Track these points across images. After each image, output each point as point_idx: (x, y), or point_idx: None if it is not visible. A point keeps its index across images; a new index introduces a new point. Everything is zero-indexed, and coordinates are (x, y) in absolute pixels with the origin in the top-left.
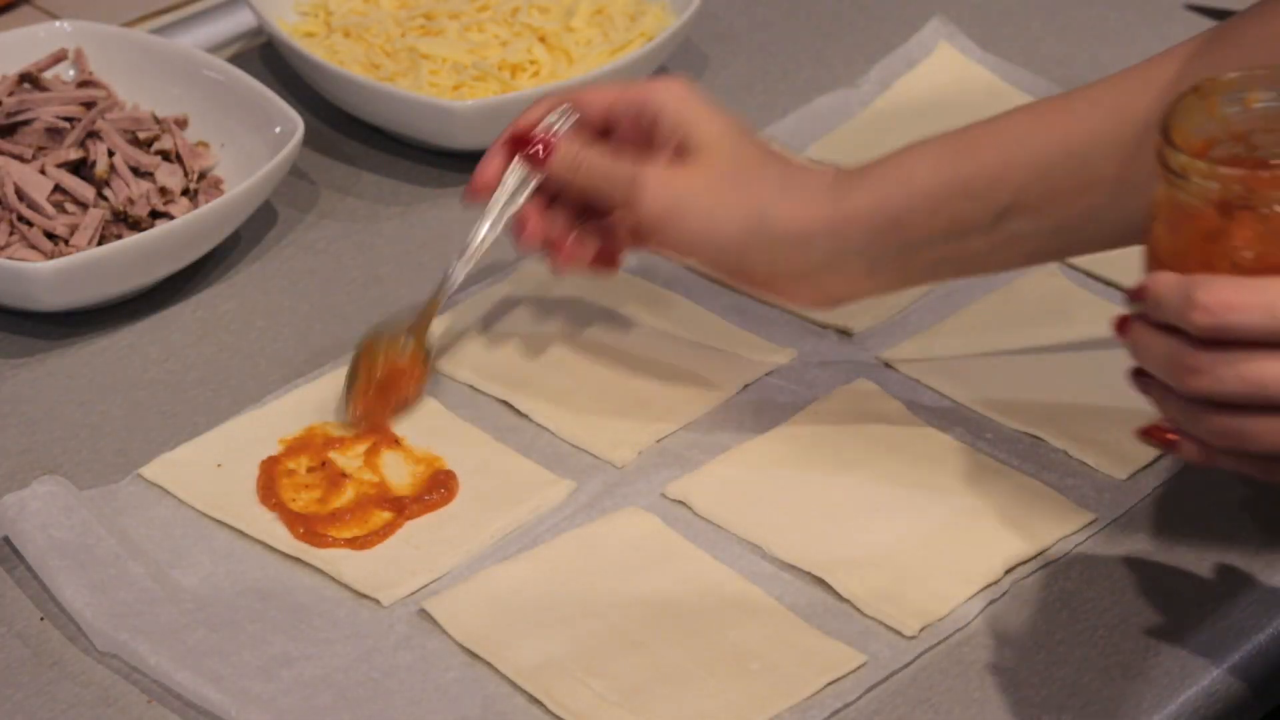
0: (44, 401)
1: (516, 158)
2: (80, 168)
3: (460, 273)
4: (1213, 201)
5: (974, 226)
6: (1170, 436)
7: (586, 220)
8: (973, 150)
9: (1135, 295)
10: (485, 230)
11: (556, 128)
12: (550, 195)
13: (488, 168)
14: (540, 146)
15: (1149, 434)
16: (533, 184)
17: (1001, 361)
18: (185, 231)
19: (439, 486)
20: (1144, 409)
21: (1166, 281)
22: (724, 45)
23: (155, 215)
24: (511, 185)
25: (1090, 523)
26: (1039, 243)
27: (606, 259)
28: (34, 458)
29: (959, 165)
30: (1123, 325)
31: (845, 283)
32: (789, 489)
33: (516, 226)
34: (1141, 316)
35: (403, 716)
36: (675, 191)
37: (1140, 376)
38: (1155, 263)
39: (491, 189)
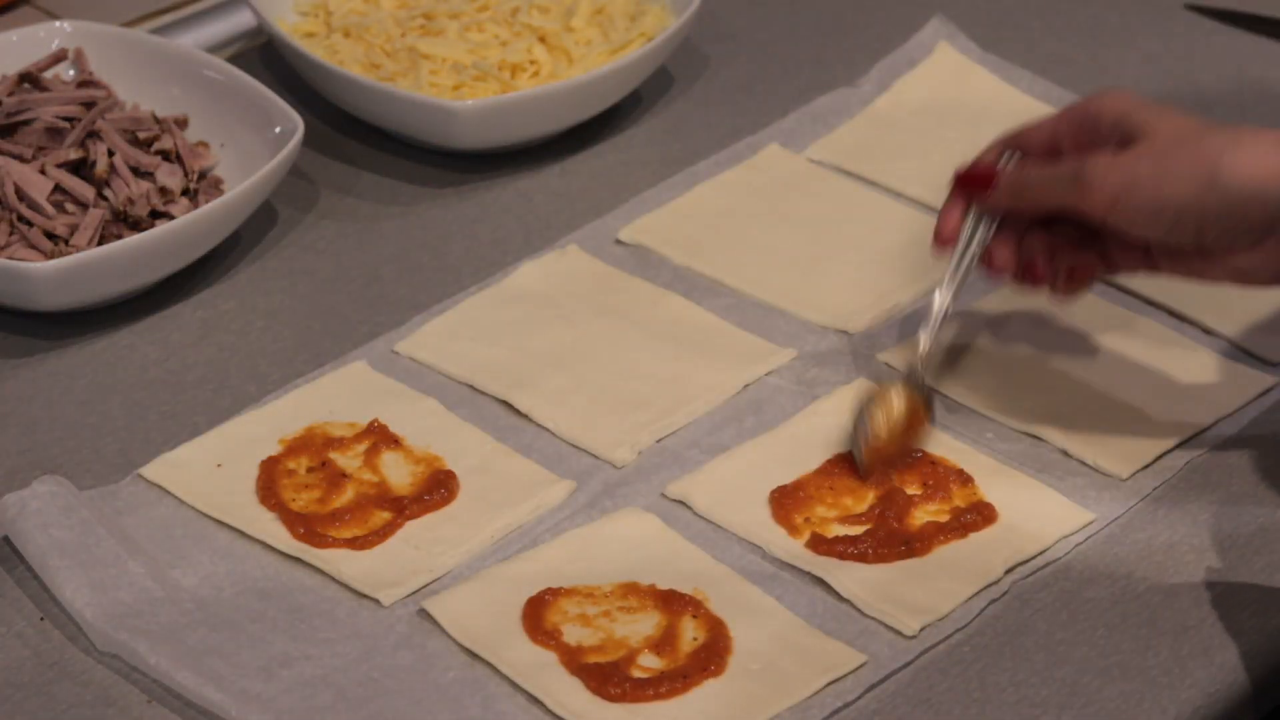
0: (44, 401)
1: (970, 201)
2: (80, 168)
3: (929, 339)
4: None
5: None
6: None
7: (1056, 251)
8: None
9: None
10: (948, 285)
11: (1001, 166)
12: (1019, 233)
13: (947, 218)
14: (985, 179)
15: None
16: (988, 226)
17: (1000, 361)
18: (185, 231)
19: (439, 486)
20: (1144, 410)
21: None
22: (724, 45)
23: (155, 215)
24: (966, 234)
25: (1090, 523)
26: None
27: (1079, 278)
28: (34, 458)
29: None
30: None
31: None
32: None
33: (985, 261)
34: None
35: (403, 716)
36: (1121, 170)
37: None
38: None
39: (954, 238)
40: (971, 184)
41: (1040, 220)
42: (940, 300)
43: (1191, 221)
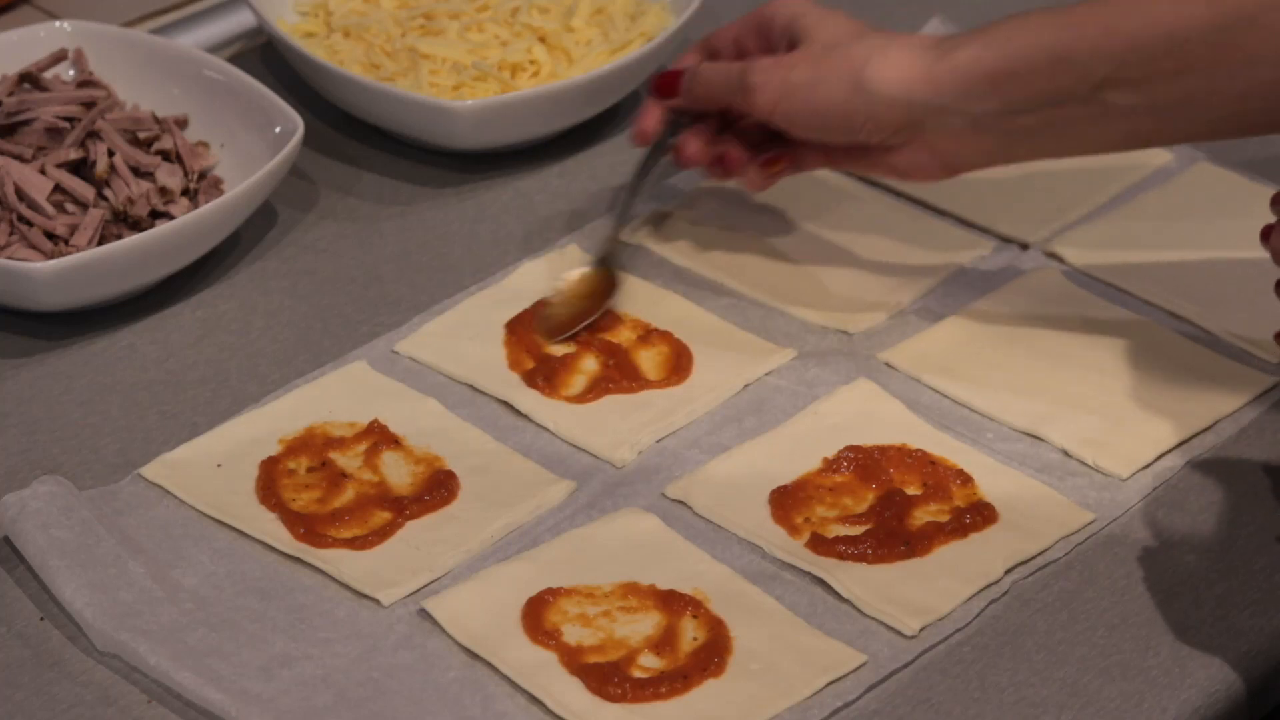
0: (44, 401)
1: (661, 99)
2: (80, 168)
3: (617, 222)
4: None
5: (1071, 94)
6: None
7: (750, 147)
8: (1073, 22)
9: None
10: (637, 175)
11: (687, 69)
12: (714, 131)
13: (645, 118)
14: (671, 81)
15: None
16: (684, 125)
17: (1001, 361)
18: (185, 231)
19: (439, 486)
20: (1144, 410)
21: None
22: None
23: (155, 215)
24: (665, 133)
25: (1090, 523)
26: (1138, 121)
27: (769, 170)
28: (34, 458)
29: (1058, 33)
30: (1267, 231)
31: (955, 143)
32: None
33: (675, 154)
34: None
35: (403, 716)
36: (781, 74)
37: None
38: None
39: (652, 134)
40: (660, 86)
41: (734, 119)
42: (629, 188)
43: (841, 122)
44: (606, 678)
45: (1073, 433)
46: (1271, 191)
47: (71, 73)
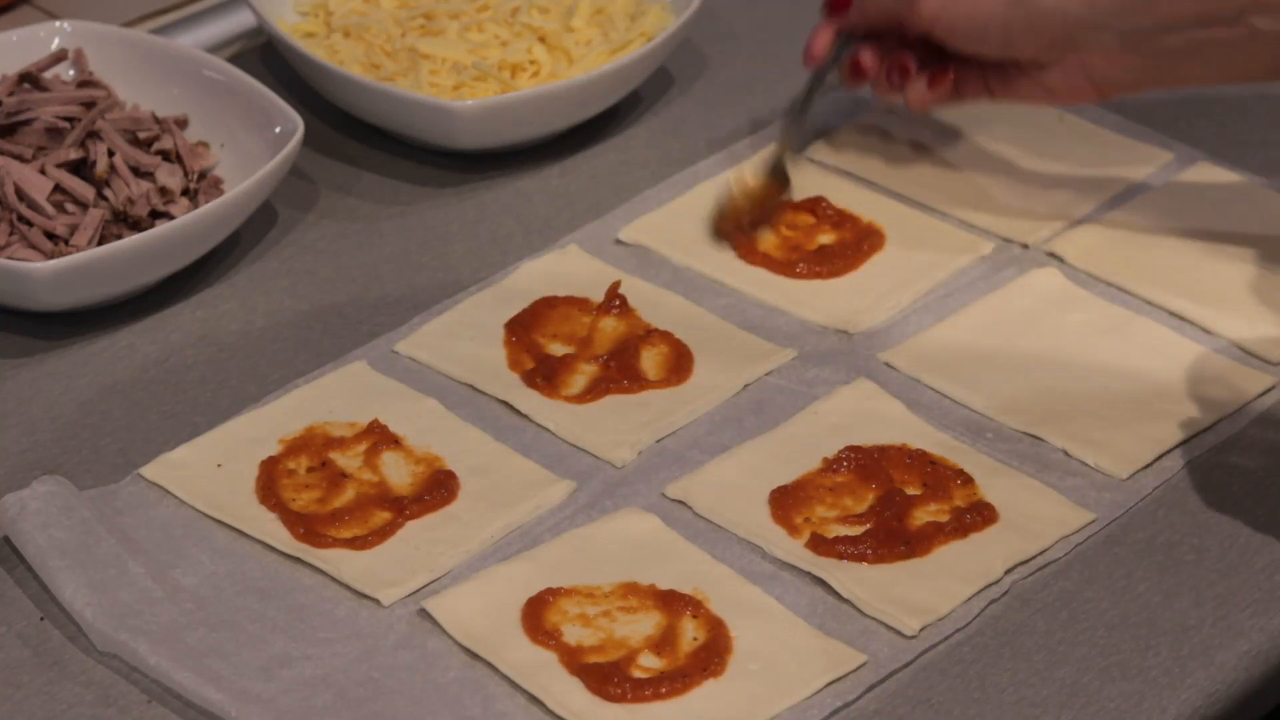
0: (44, 401)
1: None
2: (80, 168)
3: (788, 126)
4: None
5: (1218, 16)
6: None
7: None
8: None
9: None
10: (810, 84)
11: None
12: (885, 51)
13: (816, 40)
14: (843, 1)
15: None
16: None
17: (1001, 361)
18: (185, 231)
19: (439, 486)
20: (1144, 410)
21: None
22: (724, 45)
23: (155, 215)
24: (833, 53)
25: (1090, 523)
26: None
27: (935, 88)
28: (34, 458)
29: None
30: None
31: (1106, 62)
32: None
33: (849, 69)
34: None
35: (403, 716)
36: None
37: None
38: None
39: (821, 55)
40: (833, 5)
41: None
42: (798, 106)
43: (999, 33)
44: (606, 678)
45: (1073, 433)
46: (1272, 192)
47: (71, 73)
